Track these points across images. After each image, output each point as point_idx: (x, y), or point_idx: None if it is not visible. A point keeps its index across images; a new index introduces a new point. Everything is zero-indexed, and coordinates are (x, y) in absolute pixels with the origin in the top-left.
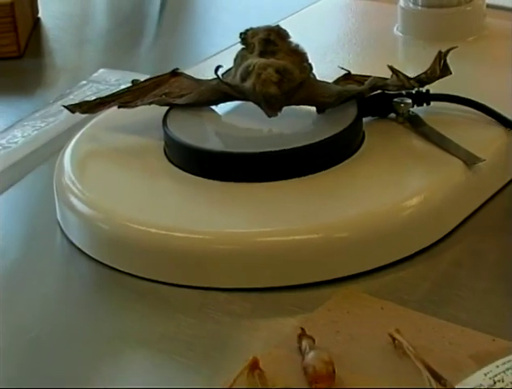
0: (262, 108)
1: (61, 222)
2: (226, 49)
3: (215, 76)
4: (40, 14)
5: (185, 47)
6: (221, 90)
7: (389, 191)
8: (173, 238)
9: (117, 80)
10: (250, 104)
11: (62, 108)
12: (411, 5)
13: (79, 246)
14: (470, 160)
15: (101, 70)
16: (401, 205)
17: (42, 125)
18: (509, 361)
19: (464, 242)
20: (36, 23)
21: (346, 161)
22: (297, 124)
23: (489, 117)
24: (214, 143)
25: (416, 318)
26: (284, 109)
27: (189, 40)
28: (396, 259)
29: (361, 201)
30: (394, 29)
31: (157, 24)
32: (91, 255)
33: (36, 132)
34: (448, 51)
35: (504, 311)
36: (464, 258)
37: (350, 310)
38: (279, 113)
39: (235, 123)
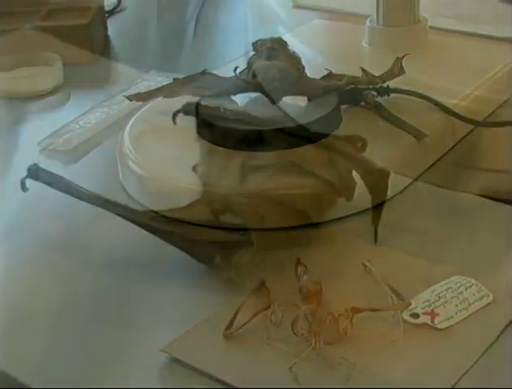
0: (268, 97)
1: (122, 181)
2: (242, 56)
3: (234, 74)
4: (109, 32)
5: (212, 55)
6: (238, 85)
7: None
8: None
9: (163, 79)
10: (259, 94)
11: (123, 98)
12: (375, 24)
13: (135, 198)
14: (418, 136)
15: (152, 72)
16: None
17: (109, 110)
18: (450, 282)
19: (414, 196)
20: (106, 38)
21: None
22: (293, 109)
23: (432, 105)
24: (233, 123)
25: (382, 251)
26: (284, 98)
27: (215, 49)
28: (365, 208)
29: None
30: (363, 42)
31: (192, 39)
32: (144, 204)
33: (104, 116)
34: (403, 57)
35: (446, 245)
36: (414, 207)
37: (333, 246)
38: (280, 102)
39: (248, 109)
